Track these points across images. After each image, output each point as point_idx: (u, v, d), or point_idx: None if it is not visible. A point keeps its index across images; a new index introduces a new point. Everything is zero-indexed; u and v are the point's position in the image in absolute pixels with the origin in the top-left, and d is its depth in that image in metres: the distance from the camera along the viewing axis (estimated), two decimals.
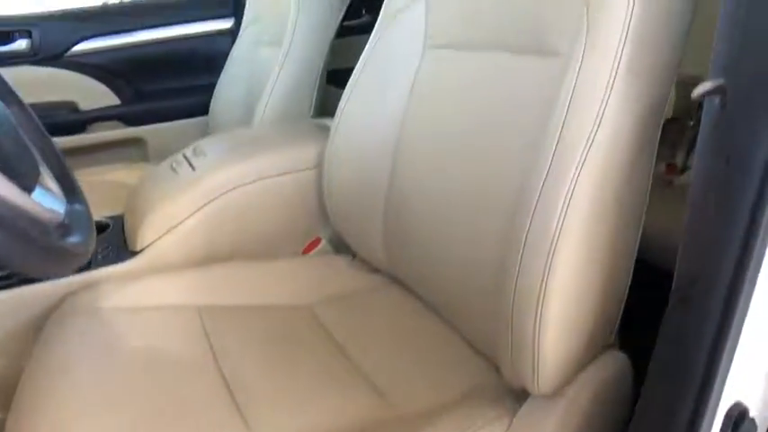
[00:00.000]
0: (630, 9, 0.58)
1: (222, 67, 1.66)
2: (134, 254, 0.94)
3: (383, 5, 0.93)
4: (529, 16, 0.70)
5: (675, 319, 0.53)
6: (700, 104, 0.57)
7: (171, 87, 1.73)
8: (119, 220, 1.07)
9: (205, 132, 1.68)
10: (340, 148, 0.94)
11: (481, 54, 0.77)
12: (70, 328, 0.78)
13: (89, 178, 1.50)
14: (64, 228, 0.55)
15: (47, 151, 0.68)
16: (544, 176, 0.61)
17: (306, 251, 1.03)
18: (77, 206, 0.63)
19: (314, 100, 1.32)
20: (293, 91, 1.29)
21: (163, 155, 1.70)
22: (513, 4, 0.72)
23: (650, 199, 0.66)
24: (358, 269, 0.98)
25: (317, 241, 1.02)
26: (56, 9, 1.64)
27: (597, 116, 0.59)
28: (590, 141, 0.59)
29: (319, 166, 0.98)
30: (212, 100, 1.66)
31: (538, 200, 0.61)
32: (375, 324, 0.86)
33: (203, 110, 1.68)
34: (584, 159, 0.58)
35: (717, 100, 0.54)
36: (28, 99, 1.56)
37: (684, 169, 1.31)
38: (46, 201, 0.55)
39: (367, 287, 0.95)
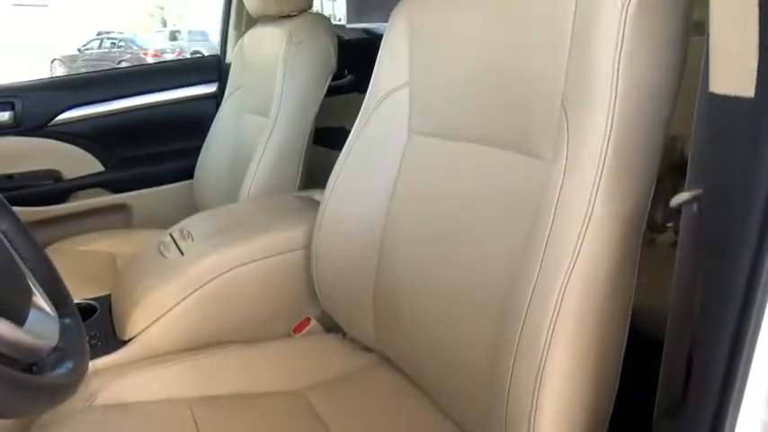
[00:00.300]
0: (611, 116, 0.60)
1: (207, 129, 1.67)
2: (123, 342, 0.93)
3: (369, 89, 0.95)
4: (512, 114, 0.72)
5: (664, 429, 0.54)
6: (678, 210, 0.60)
7: (155, 152, 1.74)
8: (106, 302, 1.06)
9: (190, 197, 1.68)
10: (328, 231, 0.95)
11: (467, 146, 0.79)
12: (62, 426, 0.77)
13: (73, 248, 1.49)
14: (58, 353, 0.55)
15: (37, 262, 0.68)
16: (534, 280, 0.62)
17: (296, 331, 1.03)
18: (68, 321, 0.63)
19: (300, 170, 1.34)
20: (280, 164, 1.30)
21: (147, 221, 1.71)
22: (496, 99, 0.74)
23: None
24: (349, 348, 0.98)
25: (307, 321, 1.02)
26: (39, 78, 1.66)
27: (584, 222, 0.61)
28: (578, 247, 0.61)
29: (307, 247, 0.99)
30: (198, 163, 1.67)
31: (529, 303, 0.62)
32: (367, 409, 0.86)
33: (188, 173, 1.69)
34: (573, 265, 0.60)
35: (694, 206, 0.57)
36: (11, 169, 1.57)
37: (664, 225, 1.34)
38: (39, 326, 0.55)
39: (358, 367, 0.95)
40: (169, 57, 13.14)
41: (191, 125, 1.74)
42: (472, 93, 0.78)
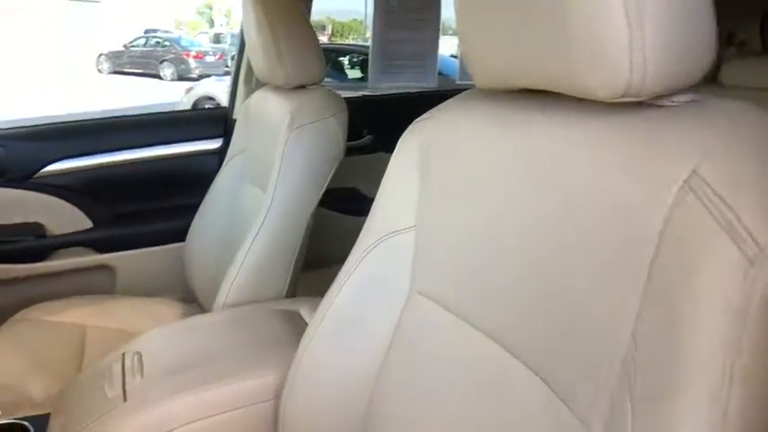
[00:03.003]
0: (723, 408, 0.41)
1: (206, 188, 1.52)
2: None
3: (367, 221, 0.78)
4: (545, 339, 0.53)
5: None
6: None
7: (148, 209, 1.59)
8: (41, 424, 0.90)
9: (179, 262, 1.53)
10: (303, 387, 0.78)
11: (482, 338, 0.61)
12: None
13: (41, 318, 1.35)
14: None
15: None
16: None
17: None
18: None
19: (292, 270, 1.16)
20: (268, 262, 1.13)
21: (133, 285, 1.56)
22: (525, 309, 0.55)
23: None
24: None
25: None
26: (25, 123, 1.52)
27: None
28: None
29: (277, 398, 0.81)
30: (191, 227, 1.52)
31: None
32: None
33: (181, 235, 1.54)
34: None
35: None
36: None
37: None
38: None
39: None
40: (210, 59, 13.25)
41: (190, 183, 1.59)
42: (492, 281, 0.59)
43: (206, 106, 6.34)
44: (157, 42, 13.61)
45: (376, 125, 1.75)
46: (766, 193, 0.39)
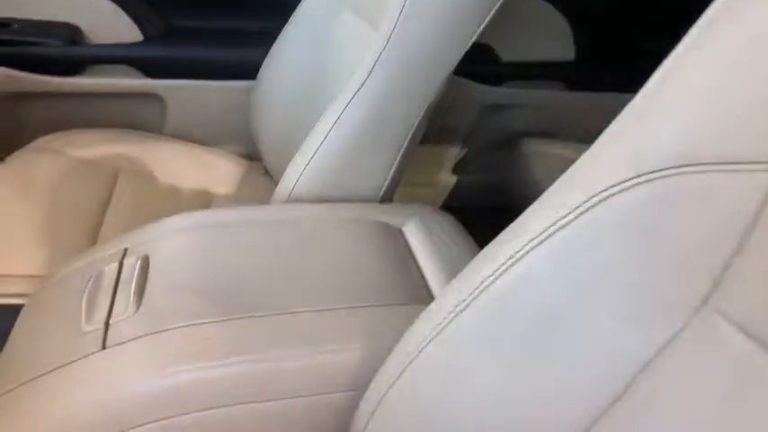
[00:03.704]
0: None
1: (291, 11, 1.10)
2: None
3: (607, 134, 0.36)
4: None
5: None
6: None
7: (216, 29, 1.20)
8: (7, 319, 0.61)
9: (247, 106, 1.16)
10: (405, 404, 0.42)
11: None
12: None
13: (67, 150, 1.05)
14: None
15: None
16: None
17: None
18: None
19: (400, 157, 0.76)
20: (362, 146, 0.73)
21: (183, 126, 1.22)
22: None
23: None
24: None
25: None
26: None
27: None
28: None
29: (351, 390, 0.47)
30: (266, 61, 1.12)
31: None
32: None
33: (252, 72, 1.15)
34: None
35: None
36: (11, 12, 1.10)
37: None
38: None
39: None
40: None
41: (270, 1, 1.17)
42: None
43: None
44: None
45: None
46: None
